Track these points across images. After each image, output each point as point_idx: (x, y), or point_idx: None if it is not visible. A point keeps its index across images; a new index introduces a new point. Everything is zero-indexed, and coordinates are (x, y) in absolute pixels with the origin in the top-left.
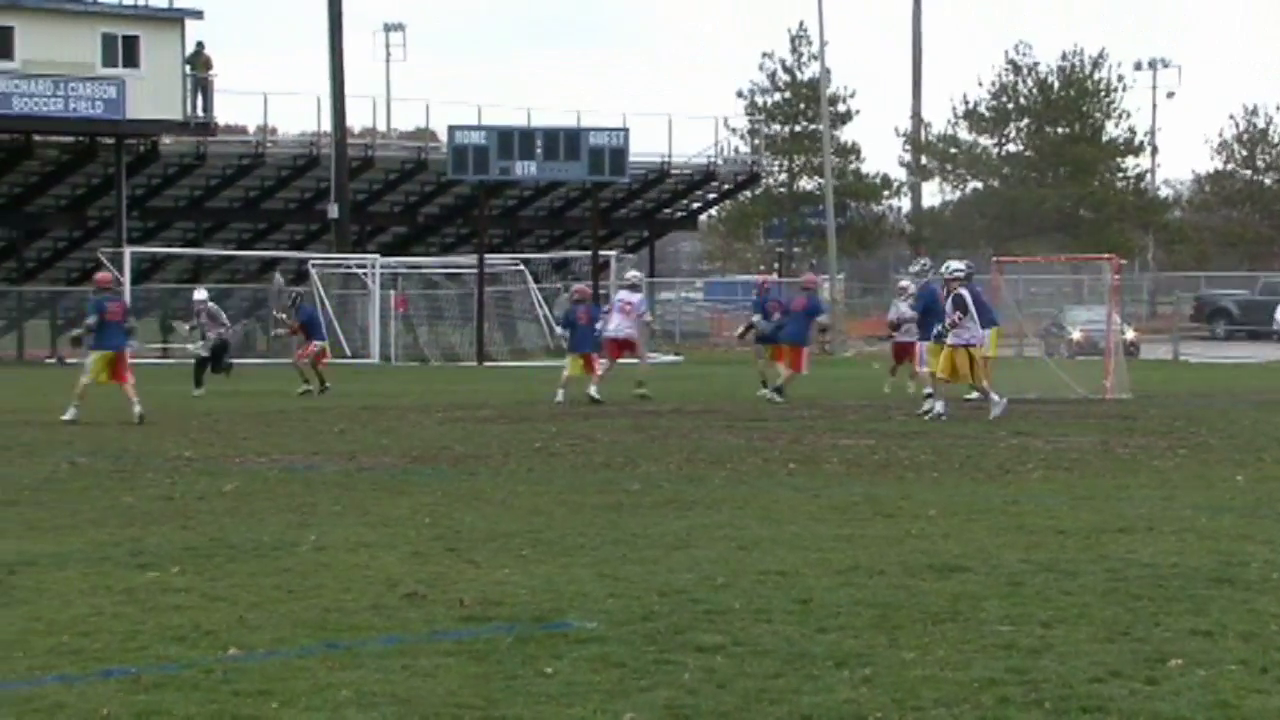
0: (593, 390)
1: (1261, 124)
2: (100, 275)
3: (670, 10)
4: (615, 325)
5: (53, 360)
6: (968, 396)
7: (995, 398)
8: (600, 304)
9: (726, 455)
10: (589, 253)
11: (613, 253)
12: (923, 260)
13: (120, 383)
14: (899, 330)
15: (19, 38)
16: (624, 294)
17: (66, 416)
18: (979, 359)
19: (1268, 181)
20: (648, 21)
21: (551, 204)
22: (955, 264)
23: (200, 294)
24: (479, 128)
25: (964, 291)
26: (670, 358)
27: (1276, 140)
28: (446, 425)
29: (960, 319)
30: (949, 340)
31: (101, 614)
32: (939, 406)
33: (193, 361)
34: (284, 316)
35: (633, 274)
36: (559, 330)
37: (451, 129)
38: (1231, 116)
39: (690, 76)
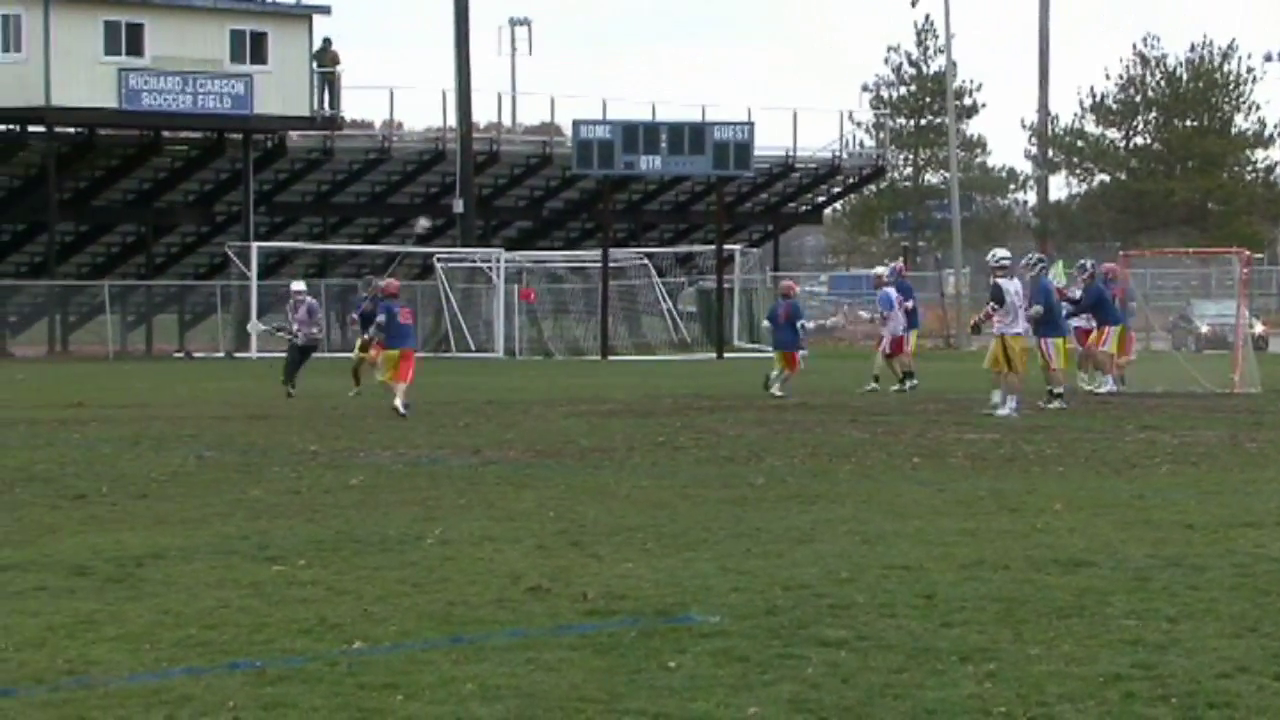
0: (776, 388)
1: None
2: (387, 283)
3: (796, 3)
4: (897, 323)
5: (181, 355)
6: (1095, 390)
7: (1010, 403)
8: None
9: (851, 449)
10: (713, 247)
11: (737, 247)
12: (1084, 261)
13: (401, 381)
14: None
15: (149, 35)
16: (893, 291)
17: (399, 406)
18: (1017, 353)
19: None
20: (773, 15)
21: (676, 198)
22: (1000, 252)
23: (298, 285)
24: (604, 122)
25: (1001, 282)
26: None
27: None
28: (570, 419)
29: (994, 310)
30: (994, 330)
31: (228, 607)
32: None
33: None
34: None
35: (882, 269)
36: (764, 325)
37: (576, 123)
38: None
39: (815, 70)
